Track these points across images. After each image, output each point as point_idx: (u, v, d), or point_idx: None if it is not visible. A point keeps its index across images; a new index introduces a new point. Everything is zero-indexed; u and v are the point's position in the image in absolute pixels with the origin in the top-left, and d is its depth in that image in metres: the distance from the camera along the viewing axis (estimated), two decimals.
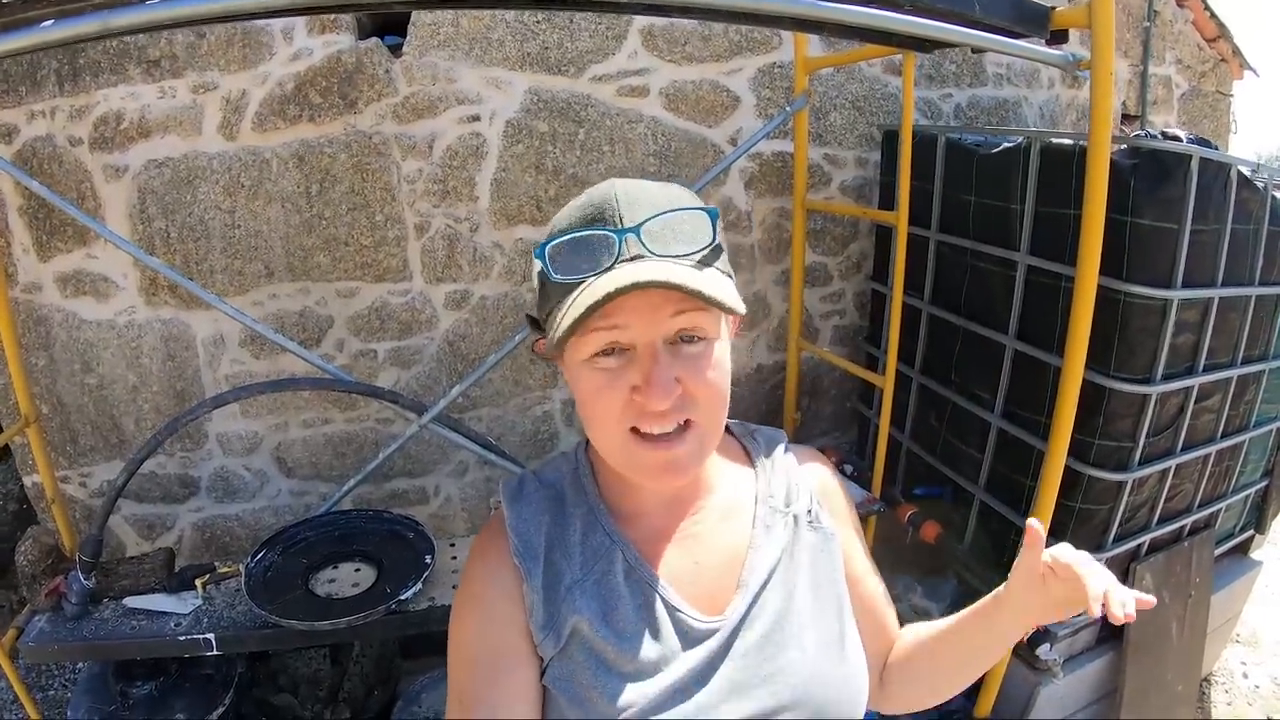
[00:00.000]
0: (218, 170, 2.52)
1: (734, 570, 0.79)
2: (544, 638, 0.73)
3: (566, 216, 0.72)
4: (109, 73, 2.41)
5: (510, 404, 3.00)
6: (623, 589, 0.75)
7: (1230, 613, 2.91)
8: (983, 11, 1.62)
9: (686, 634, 0.74)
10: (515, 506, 0.79)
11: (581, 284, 0.67)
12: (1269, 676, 3.26)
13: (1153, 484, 2.27)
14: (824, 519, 0.85)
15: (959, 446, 2.61)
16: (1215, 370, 2.23)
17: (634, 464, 0.71)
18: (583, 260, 0.67)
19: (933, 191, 2.62)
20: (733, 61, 2.92)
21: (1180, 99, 4.02)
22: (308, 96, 2.49)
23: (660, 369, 0.66)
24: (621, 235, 0.67)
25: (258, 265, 2.61)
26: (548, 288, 0.70)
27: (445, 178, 2.68)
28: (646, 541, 0.79)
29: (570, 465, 0.84)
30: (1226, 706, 3.06)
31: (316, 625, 1.92)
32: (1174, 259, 2.00)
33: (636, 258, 0.66)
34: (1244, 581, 2.86)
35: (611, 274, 0.65)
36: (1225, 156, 2.05)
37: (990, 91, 3.47)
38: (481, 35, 2.57)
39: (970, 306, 2.54)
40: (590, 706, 0.70)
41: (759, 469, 0.86)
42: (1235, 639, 3.33)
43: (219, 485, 2.81)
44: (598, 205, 0.69)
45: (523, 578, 0.75)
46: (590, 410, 0.71)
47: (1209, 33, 3.91)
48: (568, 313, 0.65)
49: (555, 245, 0.69)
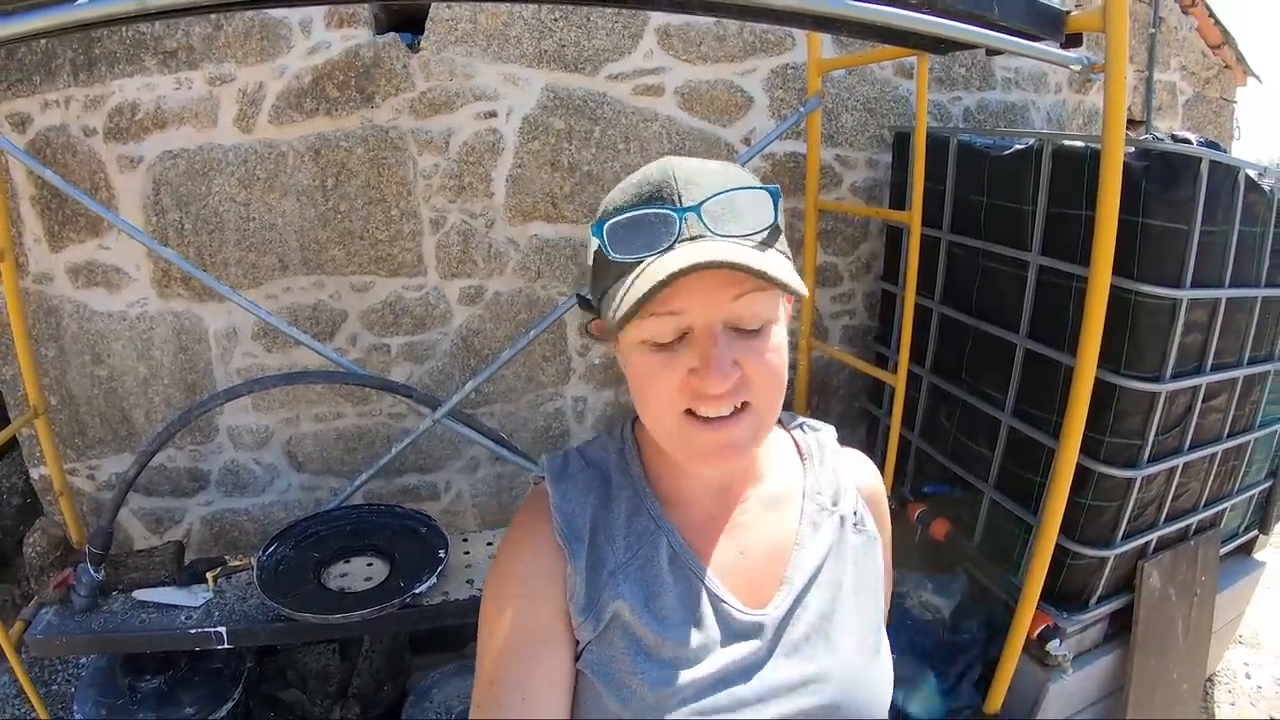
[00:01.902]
0: (233, 162, 2.52)
1: (778, 563, 0.78)
2: (583, 620, 0.71)
3: (621, 194, 0.70)
4: (125, 63, 2.41)
5: (522, 400, 3.01)
6: (666, 575, 0.74)
7: (1234, 613, 2.94)
8: (1001, 14, 1.64)
9: (729, 625, 0.73)
10: (560, 485, 0.77)
11: (640, 263, 0.65)
12: (1271, 677, 3.28)
13: (1161, 482, 2.29)
14: (868, 522, 0.85)
15: (969, 445, 2.63)
16: (1222, 370, 2.26)
17: (688, 447, 0.69)
18: (642, 239, 0.66)
19: (944, 192, 2.64)
20: (747, 62, 2.94)
21: (1185, 105, 4.06)
22: (325, 90, 2.50)
23: (719, 351, 0.65)
24: (682, 214, 0.65)
25: (272, 258, 2.61)
26: (604, 266, 0.69)
27: (461, 173, 2.69)
28: (692, 528, 0.77)
29: (616, 445, 0.82)
30: (1230, 707, 3.08)
31: (330, 618, 1.92)
32: (1184, 259, 2.03)
33: (697, 237, 0.65)
34: (1247, 582, 2.89)
35: (673, 254, 0.64)
36: (1234, 160, 2.08)
37: (999, 95, 3.51)
38: (499, 32, 2.59)
39: (981, 306, 2.56)
40: (629, 693, 0.69)
41: (807, 463, 0.85)
42: (1238, 640, 3.36)
43: (229, 479, 2.81)
44: (655, 183, 0.68)
45: (566, 558, 0.73)
46: (644, 392, 0.69)
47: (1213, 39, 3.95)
48: (628, 293, 0.64)
49: (614, 223, 0.67)
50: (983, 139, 2.55)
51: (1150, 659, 2.39)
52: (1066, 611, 2.30)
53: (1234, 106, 4.22)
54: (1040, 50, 1.79)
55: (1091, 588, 2.31)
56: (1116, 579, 2.35)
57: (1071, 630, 2.29)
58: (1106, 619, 2.42)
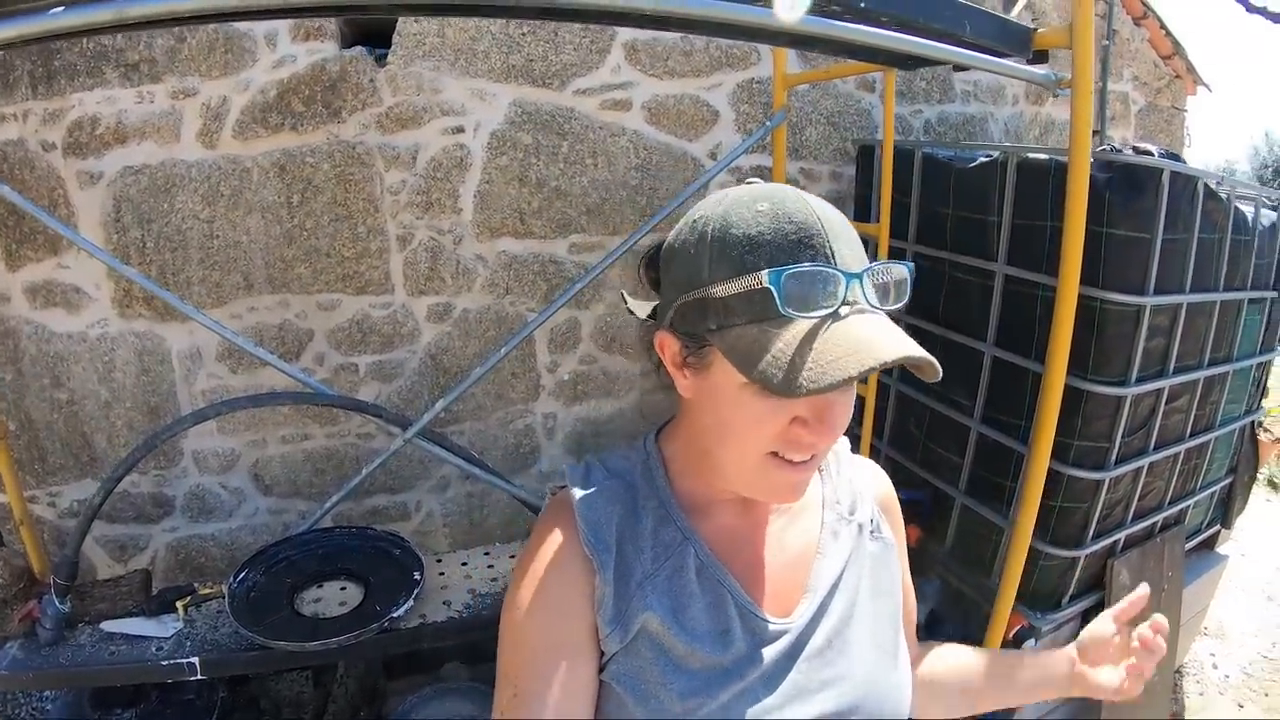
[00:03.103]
0: (196, 179, 2.47)
1: (801, 572, 0.80)
2: (610, 631, 0.71)
3: (752, 221, 0.66)
4: (85, 75, 2.35)
5: (492, 418, 2.99)
6: (694, 586, 0.74)
7: (1199, 606, 3.02)
8: (972, 32, 1.68)
9: (755, 634, 0.74)
10: (585, 494, 0.77)
11: (800, 321, 0.63)
12: (1238, 667, 3.39)
13: (1128, 482, 2.34)
14: (884, 529, 0.87)
15: (939, 452, 2.66)
16: (1184, 372, 2.33)
17: (764, 484, 0.71)
18: (808, 293, 0.63)
19: (910, 204, 2.68)
20: (713, 77, 2.97)
21: (1137, 114, 4.19)
22: (290, 105, 2.47)
23: (837, 411, 0.67)
24: (850, 280, 0.65)
25: (236, 277, 2.56)
26: (743, 306, 0.65)
27: (429, 189, 2.67)
28: (718, 539, 0.78)
29: (640, 456, 0.82)
30: (1199, 697, 3.17)
31: (307, 646, 1.87)
32: (1147, 267, 2.08)
33: (853, 303, 0.65)
34: (1211, 575, 2.97)
35: (847, 324, 0.63)
36: (1193, 170, 2.15)
37: (958, 108, 3.59)
38: (467, 46, 2.57)
39: (948, 316, 2.59)
40: (657, 704, 0.69)
41: (825, 474, 0.87)
42: (1204, 632, 3.46)
43: (194, 504, 2.73)
44: (800, 225, 0.65)
45: (595, 569, 0.73)
46: (738, 431, 0.69)
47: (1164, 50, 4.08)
48: (812, 360, 0.61)
49: (794, 274, 0.63)
50: (947, 152, 2.60)
51: None
52: (1040, 611, 2.34)
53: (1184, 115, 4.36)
54: (1009, 66, 1.83)
55: (1064, 587, 2.35)
56: (1087, 578, 2.40)
57: (1046, 630, 2.33)
58: (1079, 617, 2.46)
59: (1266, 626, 3.73)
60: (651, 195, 2.95)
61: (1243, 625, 3.72)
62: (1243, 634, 3.65)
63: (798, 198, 0.68)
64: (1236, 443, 2.86)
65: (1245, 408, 2.81)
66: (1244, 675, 3.34)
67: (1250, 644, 3.58)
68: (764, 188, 0.70)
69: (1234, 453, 2.88)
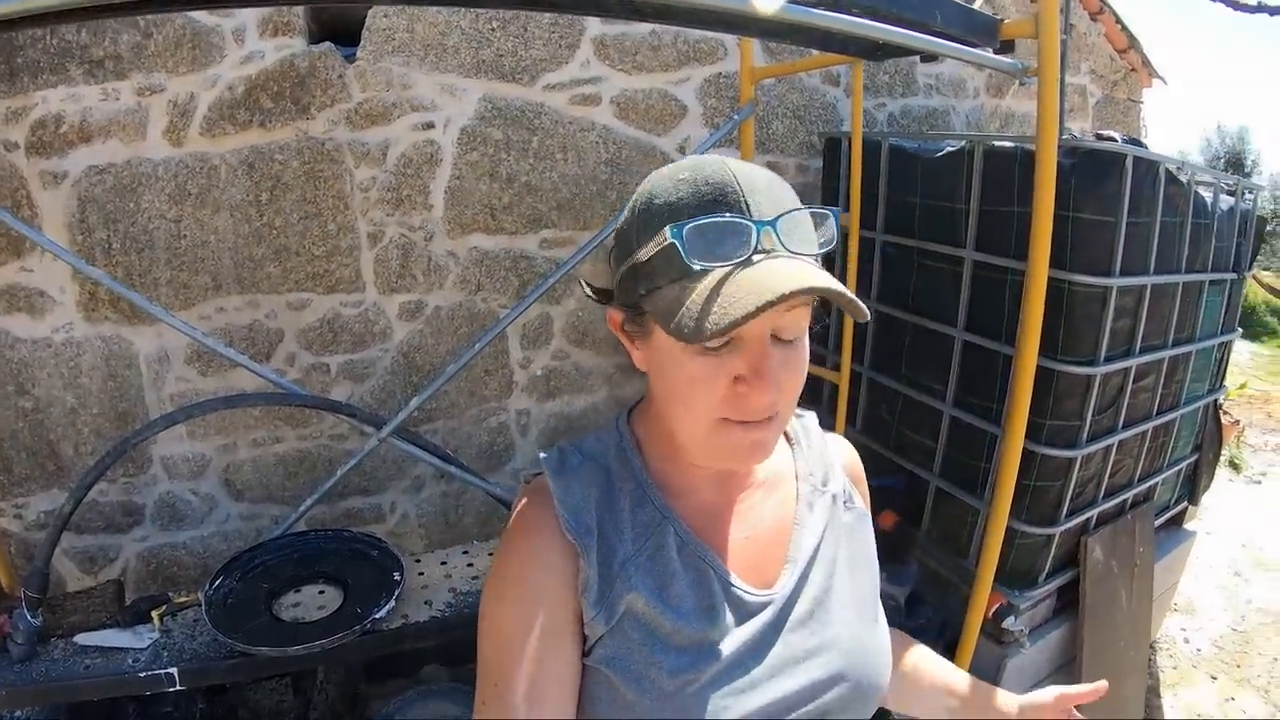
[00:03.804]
0: (163, 177, 2.41)
1: (781, 544, 0.80)
2: (596, 614, 0.71)
3: (674, 190, 0.68)
4: (49, 73, 2.28)
5: (466, 415, 2.97)
6: (676, 564, 0.74)
7: (1169, 581, 3.09)
8: (943, 22, 1.73)
9: (740, 607, 0.75)
10: (562, 479, 0.76)
11: (710, 273, 0.65)
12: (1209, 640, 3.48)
13: (1098, 460, 2.40)
14: (857, 500, 0.89)
15: (912, 437, 2.70)
16: (1150, 352, 2.39)
17: (718, 448, 0.70)
18: (717, 246, 0.64)
19: (878, 194, 2.72)
20: (681, 71, 2.99)
21: (1095, 106, 4.29)
22: (259, 101, 2.42)
23: (771, 363, 0.66)
24: (760, 226, 0.65)
25: (204, 277, 2.50)
26: (664, 266, 0.67)
27: (399, 186, 2.64)
28: (697, 516, 0.78)
29: (613, 439, 0.82)
30: (1172, 670, 3.25)
31: (289, 651, 1.83)
32: (1112, 250, 2.13)
33: (768, 251, 0.65)
34: (1180, 551, 3.05)
35: (758, 269, 0.64)
36: (1155, 155, 2.21)
37: (921, 101, 3.65)
38: (437, 42, 2.56)
39: (918, 302, 2.63)
40: (648, 682, 0.69)
41: (796, 448, 0.88)
42: (1174, 607, 3.55)
43: (165, 512, 2.67)
44: (716, 185, 0.67)
45: (578, 553, 0.72)
46: (683, 394, 0.69)
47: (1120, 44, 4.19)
48: (717, 306, 0.62)
49: (694, 227, 0.65)
50: (914, 142, 2.64)
51: (1098, 629, 2.49)
52: (1018, 589, 2.38)
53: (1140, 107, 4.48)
54: (979, 56, 1.87)
55: (1040, 565, 2.40)
56: (1062, 555, 2.45)
57: (1024, 607, 2.37)
58: (1055, 594, 2.52)
59: (1234, 601, 3.84)
60: (621, 189, 2.96)
61: (1211, 600, 3.83)
62: (1212, 608, 3.75)
63: (718, 162, 0.69)
64: (1201, 421, 2.94)
65: (1208, 386, 2.89)
66: (1215, 648, 3.43)
67: (1220, 618, 3.68)
68: (688, 159, 0.71)
69: (1199, 430, 2.96)
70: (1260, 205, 2.95)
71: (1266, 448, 6.17)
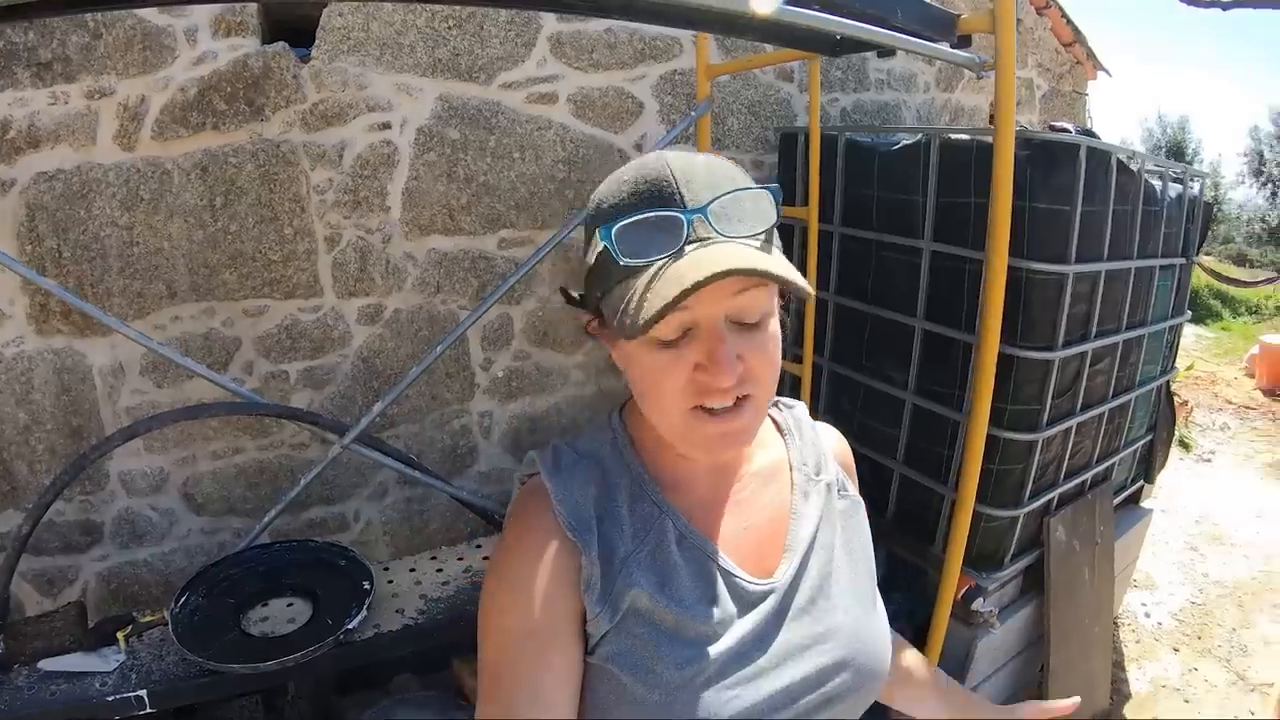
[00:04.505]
0: (114, 183, 2.33)
1: (779, 533, 0.81)
2: (599, 612, 0.71)
3: (616, 193, 0.70)
4: None
5: (427, 419, 2.94)
6: (677, 557, 0.75)
7: (1129, 558, 3.18)
8: (903, 18, 1.76)
9: (742, 597, 0.75)
10: (559, 478, 0.76)
11: (649, 268, 0.65)
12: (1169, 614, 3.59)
13: (1058, 443, 2.45)
14: (850, 488, 0.90)
15: (875, 426, 2.73)
16: (1105, 336, 2.45)
17: (693, 438, 0.71)
18: (649, 242, 0.66)
19: (835, 188, 2.74)
20: (637, 69, 2.99)
21: (1041, 99, 4.39)
22: (212, 103, 2.36)
23: (725, 348, 0.66)
24: (690, 216, 0.66)
25: (159, 286, 2.43)
26: (607, 268, 0.68)
27: (356, 188, 2.60)
28: (694, 509, 0.78)
29: (608, 435, 0.82)
30: (1135, 645, 3.34)
31: (261, 667, 1.80)
32: (1068, 238, 2.19)
33: (704, 239, 0.66)
34: (1139, 528, 3.14)
35: (687, 259, 0.64)
36: (1107, 145, 2.27)
37: (873, 95, 3.70)
38: (393, 41, 2.52)
39: (877, 293, 2.66)
40: (654, 677, 0.69)
41: (789, 438, 0.89)
42: (1134, 583, 3.65)
43: (124, 529, 2.58)
44: (652, 181, 0.68)
45: (579, 551, 0.72)
46: (651, 388, 0.70)
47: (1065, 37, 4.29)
48: (644, 300, 0.64)
49: (622, 227, 0.66)
50: (870, 136, 2.67)
51: (1064, 607, 2.55)
52: (985, 571, 2.43)
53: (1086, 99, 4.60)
54: (938, 50, 1.90)
55: (1005, 547, 2.45)
56: (1026, 536, 2.50)
57: (992, 589, 2.42)
58: (1020, 575, 2.57)
59: (1192, 575, 3.98)
60: (579, 188, 2.95)
61: (1170, 575, 3.95)
62: (1170, 583, 3.87)
63: (657, 158, 0.70)
64: (1154, 401, 3.03)
65: (1161, 368, 2.98)
66: (1176, 622, 3.54)
67: (1179, 592, 3.80)
68: (635, 160, 0.72)
69: (1153, 411, 3.05)
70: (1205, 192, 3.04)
71: (1214, 426, 6.38)
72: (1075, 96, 4.51)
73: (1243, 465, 5.61)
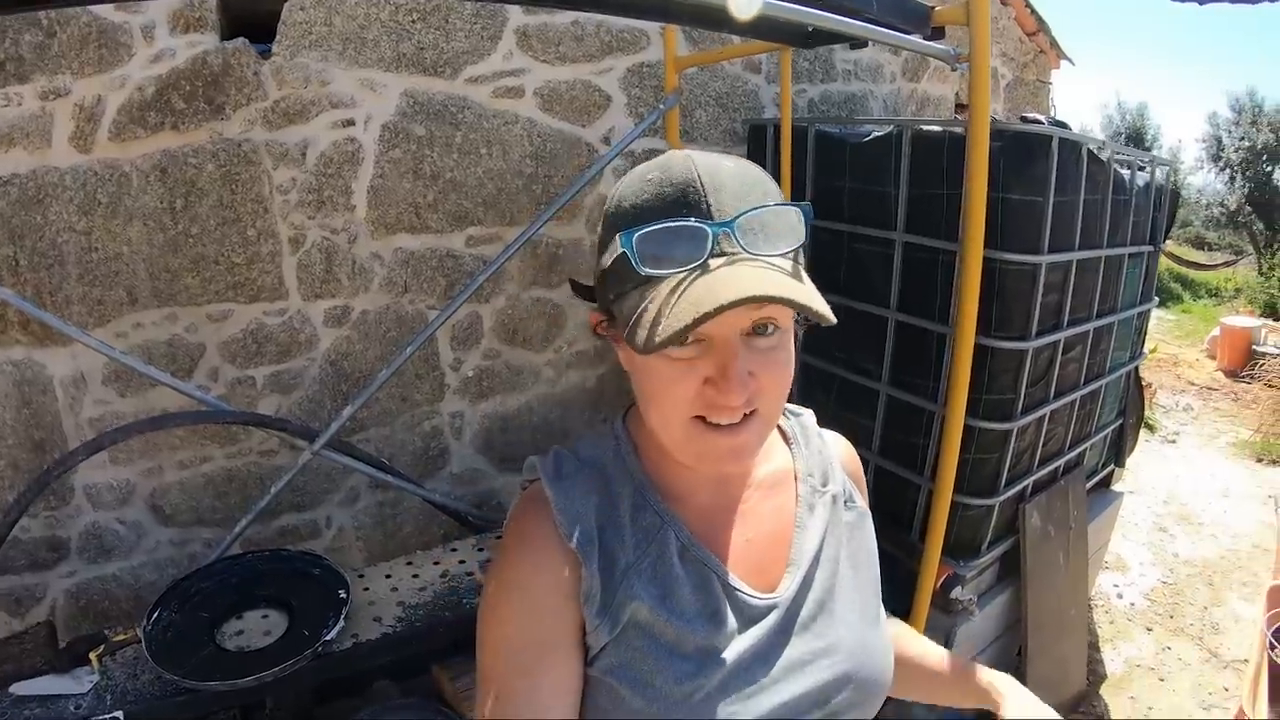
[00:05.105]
0: (71, 187, 2.25)
1: (782, 545, 0.79)
2: (598, 624, 0.70)
3: (638, 193, 0.67)
4: None
5: (398, 422, 2.90)
6: (679, 570, 0.73)
7: (1101, 541, 3.23)
8: (878, 10, 1.76)
9: (744, 612, 0.74)
10: (560, 486, 0.74)
11: (670, 278, 0.63)
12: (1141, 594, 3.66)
13: (1032, 431, 2.48)
14: (857, 499, 0.88)
15: (850, 418, 2.73)
16: (1077, 324, 2.48)
17: (697, 451, 0.69)
18: (672, 252, 0.63)
19: (805, 179, 2.73)
20: (604, 61, 2.97)
21: (1006, 88, 4.43)
22: (170, 102, 2.29)
23: (738, 364, 0.64)
24: (716, 229, 0.63)
25: (119, 292, 2.36)
26: (625, 273, 0.66)
27: (320, 187, 2.55)
28: (697, 520, 0.77)
29: (610, 443, 0.80)
30: (1109, 625, 3.40)
31: (239, 683, 1.76)
32: (1040, 228, 2.20)
33: (730, 254, 0.63)
34: (1110, 512, 3.19)
35: (709, 277, 0.62)
36: (1078, 136, 2.29)
37: (840, 87, 3.70)
38: (355, 35, 2.46)
39: (850, 285, 2.65)
40: (654, 691, 0.68)
41: (795, 447, 0.87)
42: (1106, 565, 3.71)
43: (91, 544, 2.51)
44: (679, 185, 0.65)
45: (580, 562, 0.71)
46: (656, 397, 0.68)
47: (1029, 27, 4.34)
48: (662, 314, 0.61)
49: (644, 235, 0.63)
50: (840, 127, 2.66)
51: (1040, 592, 2.58)
52: (963, 559, 2.45)
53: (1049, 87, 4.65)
54: (912, 42, 1.90)
55: (982, 535, 2.47)
56: (1002, 524, 2.53)
57: (970, 576, 2.45)
58: (997, 561, 2.60)
59: (1162, 555, 4.06)
60: (547, 183, 2.92)
61: (1141, 556, 4.03)
62: (1141, 564, 3.95)
63: (684, 159, 0.67)
64: (1124, 387, 3.07)
65: (1130, 354, 3.02)
66: (1148, 602, 3.62)
67: (1150, 573, 3.88)
68: (662, 157, 0.70)
69: (1122, 396, 3.09)
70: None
71: (1177, 407, 6.53)
72: (1039, 85, 4.56)
73: (1207, 445, 5.74)
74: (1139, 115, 17.67)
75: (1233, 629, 3.41)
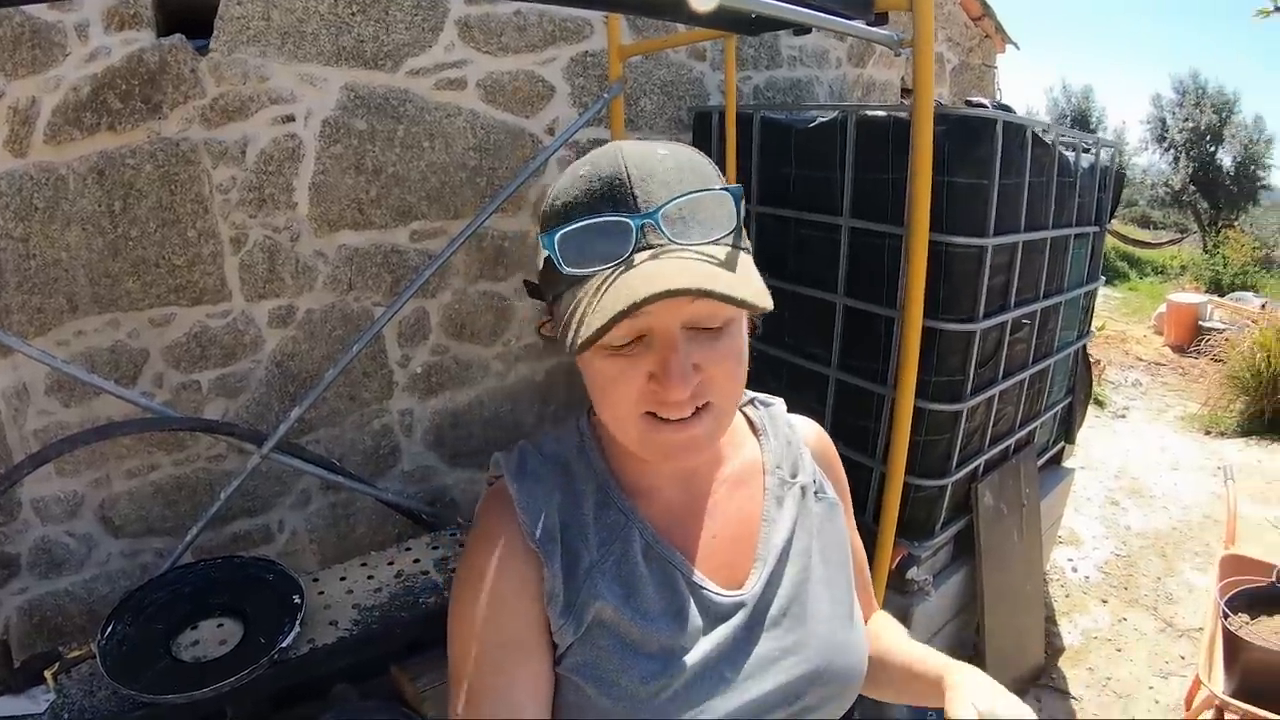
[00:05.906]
0: (6, 192, 2.17)
1: (749, 541, 0.78)
2: (563, 624, 0.69)
3: (569, 190, 0.66)
4: None
5: (347, 421, 2.86)
6: (642, 568, 0.72)
7: (1054, 517, 3.30)
8: None
9: (710, 609, 0.73)
10: (523, 484, 0.73)
11: (596, 276, 0.62)
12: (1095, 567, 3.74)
13: (982, 411, 2.52)
14: (828, 489, 0.86)
15: (799, 402, 2.73)
16: (1024, 305, 2.52)
17: (650, 446, 0.68)
18: (596, 250, 0.62)
19: (751, 166, 2.74)
20: (547, 51, 2.95)
21: (951, 72, 4.48)
22: (106, 102, 2.22)
23: (678, 358, 0.62)
24: (639, 222, 0.62)
25: (59, 299, 2.29)
26: (553, 275, 0.65)
27: (261, 185, 2.50)
28: (661, 517, 0.76)
29: (574, 439, 0.79)
30: (1065, 599, 3.47)
31: (196, 695, 1.72)
32: (986, 211, 2.22)
33: (656, 246, 0.62)
34: (1062, 487, 3.26)
35: (634, 271, 0.60)
36: (1023, 119, 2.32)
37: (785, 73, 3.72)
38: (294, 29, 2.41)
39: (797, 271, 2.67)
40: (619, 690, 0.68)
41: (763, 439, 0.85)
42: (1060, 540, 3.79)
43: (41, 559, 2.43)
44: (606, 179, 0.64)
45: (541, 562, 0.70)
46: (604, 396, 0.67)
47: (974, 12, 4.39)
48: (587, 314, 0.60)
49: (565, 234, 0.62)
50: (786, 114, 2.68)
51: (995, 569, 2.63)
52: (917, 540, 2.48)
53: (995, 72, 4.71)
54: (855, 28, 1.90)
55: (935, 515, 2.50)
56: (955, 503, 2.57)
57: (925, 556, 2.48)
58: (951, 541, 2.64)
59: (1115, 529, 4.16)
60: (491, 175, 2.90)
61: (1093, 530, 4.12)
62: (1094, 538, 4.04)
63: (613, 151, 0.66)
64: (1072, 365, 3.14)
65: (1077, 333, 3.09)
66: (1102, 575, 3.70)
67: (1103, 545, 3.97)
68: (595, 151, 0.68)
69: (1071, 374, 3.16)
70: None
71: (1126, 383, 6.68)
72: (984, 69, 4.62)
73: (1156, 419, 5.89)
74: (1084, 98, 18.02)
75: (1186, 599, 3.50)
